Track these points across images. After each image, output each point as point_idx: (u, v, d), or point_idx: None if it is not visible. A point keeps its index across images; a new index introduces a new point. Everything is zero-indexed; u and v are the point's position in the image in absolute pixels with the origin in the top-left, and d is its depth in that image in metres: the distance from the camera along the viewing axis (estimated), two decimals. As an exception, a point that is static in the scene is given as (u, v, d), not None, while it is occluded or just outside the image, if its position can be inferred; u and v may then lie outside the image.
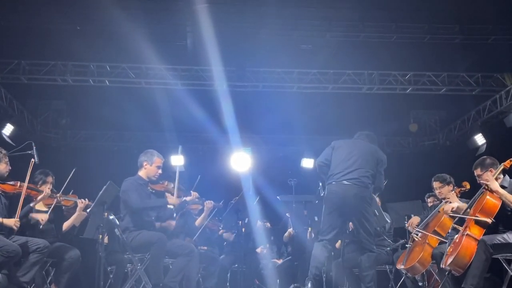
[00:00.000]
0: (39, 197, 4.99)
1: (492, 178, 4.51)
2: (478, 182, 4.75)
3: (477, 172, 4.79)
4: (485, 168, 4.72)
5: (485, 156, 4.87)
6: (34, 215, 5.04)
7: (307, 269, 5.06)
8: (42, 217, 5.04)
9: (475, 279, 4.23)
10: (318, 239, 5.08)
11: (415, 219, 5.91)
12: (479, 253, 4.28)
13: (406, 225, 5.98)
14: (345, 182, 4.95)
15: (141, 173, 5.47)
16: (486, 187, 4.50)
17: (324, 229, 5.06)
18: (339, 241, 5.87)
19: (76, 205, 5.45)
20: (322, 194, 6.00)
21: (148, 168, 5.44)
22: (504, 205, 4.41)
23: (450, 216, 5.10)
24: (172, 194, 5.47)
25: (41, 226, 5.03)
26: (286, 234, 7.74)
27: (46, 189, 5.12)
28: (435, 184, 5.73)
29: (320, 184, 6.40)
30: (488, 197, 4.43)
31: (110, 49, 8.85)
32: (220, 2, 7.97)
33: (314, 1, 8.30)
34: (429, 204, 6.28)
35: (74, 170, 5.45)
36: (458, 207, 4.90)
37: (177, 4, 8.09)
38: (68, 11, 8.25)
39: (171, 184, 5.56)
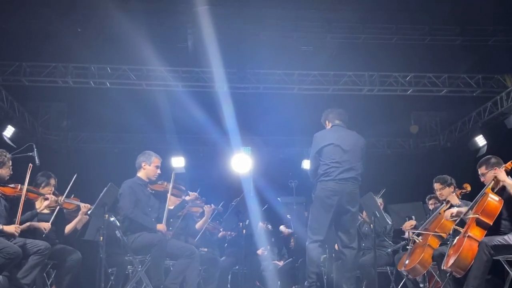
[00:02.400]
0: (45, 204, 5.02)
1: (501, 170, 4.48)
2: (482, 180, 4.74)
3: (482, 170, 4.78)
4: (490, 167, 4.72)
5: (490, 156, 4.86)
6: (37, 224, 5.05)
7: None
8: (45, 226, 5.04)
9: (476, 280, 4.23)
10: (311, 239, 4.94)
11: (409, 223, 5.94)
12: (480, 255, 4.27)
13: (402, 228, 6.01)
14: (342, 179, 4.89)
15: (140, 174, 5.48)
16: (495, 178, 4.47)
17: (317, 228, 4.92)
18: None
19: (77, 209, 5.45)
20: None
21: (147, 169, 5.45)
22: (505, 206, 4.41)
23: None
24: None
25: (43, 235, 5.02)
26: (284, 231, 7.75)
27: (48, 191, 5.12)
28: (436, 186, 5.72)
29: None
30: (489, 198, 4.42)
31: (111, 51, 8.84)
32: (221, 4, 7.96)
33: (314, 3, 8.31)
34: (430, 206, 6.27)
35: (75, 175, 5.42)
36: (458, 212, 4.88)
37: (178, 6, 8.10)
38: (69, 13, 8.26)
39: (170, 185, 5.57)
